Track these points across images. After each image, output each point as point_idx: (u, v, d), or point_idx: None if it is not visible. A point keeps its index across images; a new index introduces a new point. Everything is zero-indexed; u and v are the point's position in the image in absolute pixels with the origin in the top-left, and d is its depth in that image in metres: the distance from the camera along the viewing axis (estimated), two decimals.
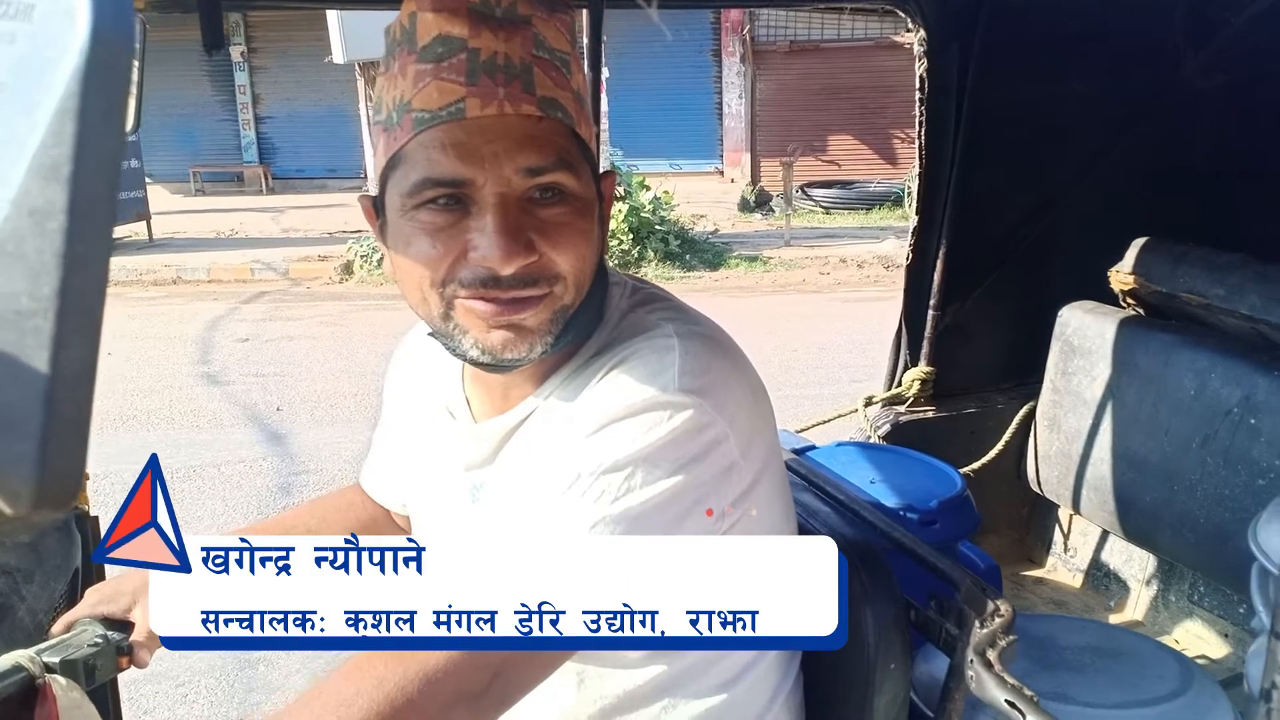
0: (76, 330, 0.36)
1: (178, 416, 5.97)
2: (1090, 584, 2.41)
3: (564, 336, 0.96)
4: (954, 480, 1.86)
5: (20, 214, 0.33)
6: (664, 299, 1.05)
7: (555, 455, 0.93)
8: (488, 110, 0.88)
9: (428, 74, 0.89)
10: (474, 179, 0.89)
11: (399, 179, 0.92)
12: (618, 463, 0.87)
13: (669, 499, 0.87)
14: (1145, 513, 2.11)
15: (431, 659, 0.79)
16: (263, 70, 17.18)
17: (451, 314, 0.94)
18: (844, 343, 7.26)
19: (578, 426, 0.92)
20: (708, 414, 0.90)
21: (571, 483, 0.87)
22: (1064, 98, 2.27)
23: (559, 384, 1.00)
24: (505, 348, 0.94)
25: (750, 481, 0.96)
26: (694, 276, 10.22)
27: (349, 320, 8.59)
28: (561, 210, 0.93)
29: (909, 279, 2.39)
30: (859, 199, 13.93)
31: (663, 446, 0.88)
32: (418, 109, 0.89)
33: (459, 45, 0.88)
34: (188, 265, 10.87)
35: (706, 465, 0.90)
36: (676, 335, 0.95)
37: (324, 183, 16.76)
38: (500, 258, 0.89)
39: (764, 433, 1.00)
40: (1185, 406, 2.02)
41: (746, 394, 0.97)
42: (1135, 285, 2.19)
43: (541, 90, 0.91)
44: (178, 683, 3.24)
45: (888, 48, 14.80)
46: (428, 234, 0.92)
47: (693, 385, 0.90)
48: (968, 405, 2.47)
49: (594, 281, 0.98)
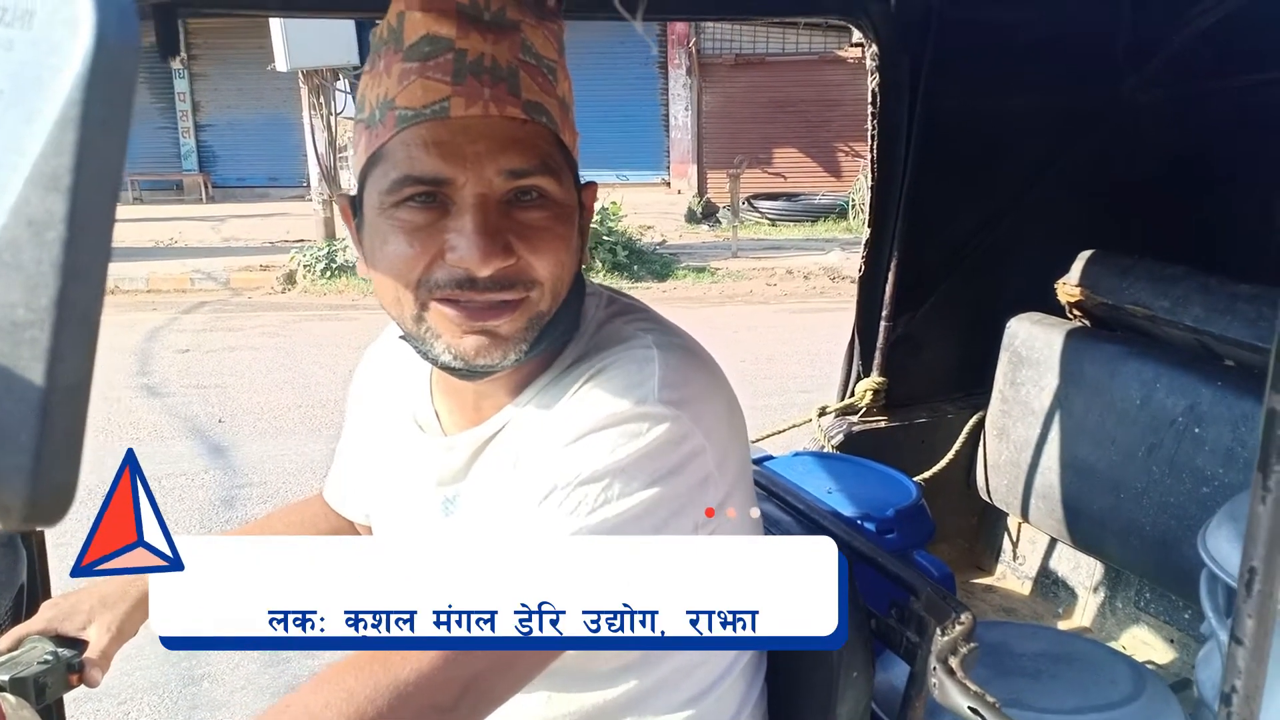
0: (73, 342, 0.35)
1: (116, 428, 5.83)
2: (1039, 591, 2.45)
3: (538, 344, 0.95)
4: (909, 489, 1.88)
5: (19, 223, 0.32)
6: (641, 310, 1.05)
7: (531, 466, 0.92)
8: (472, 110, 0.88)
9: (413, 72, 0.88)
10: (455, 178, 0.89)
11: (379, 176, 0.92)
12: (595, 474, 0.86)
13: (646, 510, 0.86)
14: (1093, 520, 2.15)
15: (402, 671, 0.78)
16: (203, 78, 16.87)
17: (424, 316, 0.93)
18: (791, 353, 7.32)
19: (554, 437, 0.91)
20: (686, 426, 0.90)
21: (547, 493, 0.86)
22: (1012, 111, 2.32)
23: (535, 394, 0.99)
24: (478, 354, 0.93)
25: (724, 494, 0.96)
26: (642, 287, 10.24)
27: (291, 331, 8.46)
28: (542, 215, 0.92)
29: (861, 290, 2.42)
30: (804, 211, 14.07)
31: (641, 458, 0.87)
32: (401, 106, 0.89)
33: (446, 45, 0.88)
34: (125, 275, 10.60)
35: (684, 478, 0.89)
36: (656, 346, 0.95)
37: (265, 191, 16.50)
38: (478, 259, 0.88)
39: (738, 446, 1.00)
40: (1131, 416, 2.07)
41: (723, 407, 0.97)
42: (1082, 297, 2.24)
43: (527, 94, 0.90)
44: (119, 700, 3.15)
45: (832, 62, 14.99)
46: (405, 232, 0.91)
47: (672, 397, 0.90)
48: (919, 415, 2.50)
49: (571, 290, 0.98)
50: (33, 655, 1.11)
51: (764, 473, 1.48)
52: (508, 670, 0.83)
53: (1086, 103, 2.36)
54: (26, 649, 1.13)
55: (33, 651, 1.12)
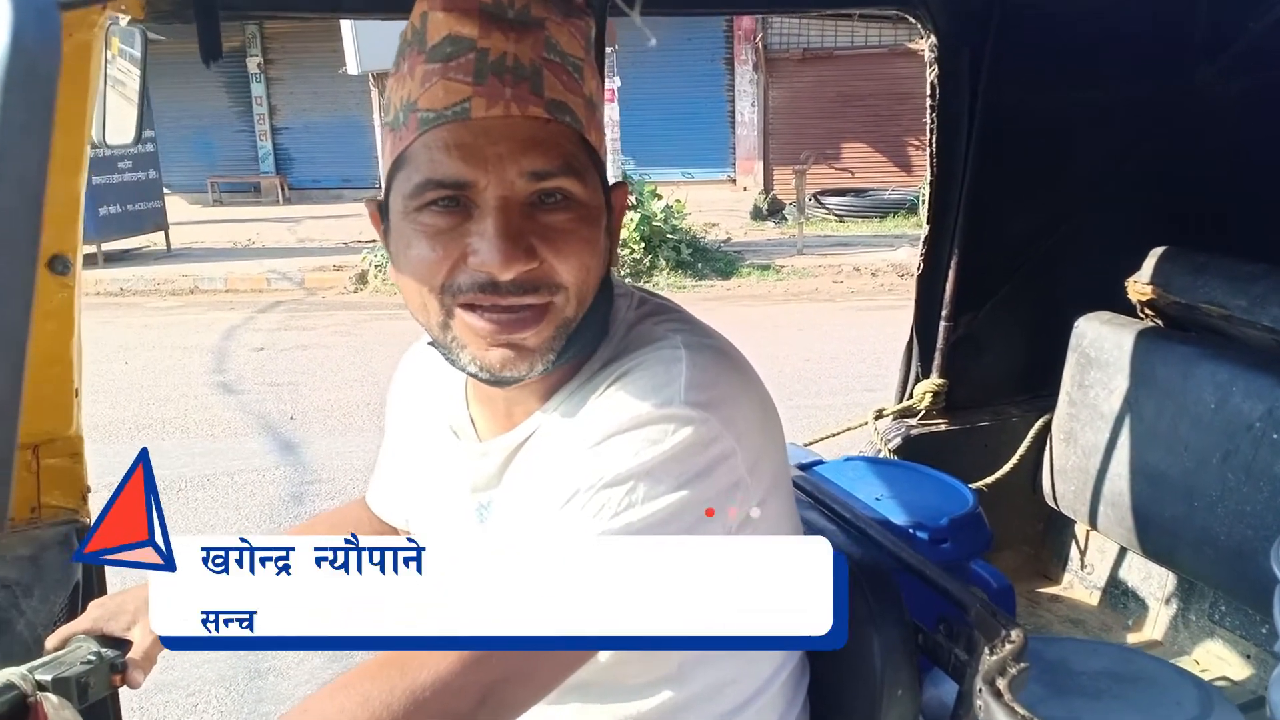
0: None
1: (193, 425, 5.99)
2: (1108, 602, 2.36)
3: (566, 352, 0.94)
4: (965, 497, 1.82)
5: None
6: (672, 310, 1.03)
7: (556, 468, 0.90)
8: (493, 111, 0.87)
9: (435, 73, 0.87)
10: (476, 181, 0.87)
11: (402, 180, 0.91)
12: (619, 476, 0.84)
13: (671, 515, 0.84)
14: (1164, 529, 2.07)
15: (420, 675, 0.77)
16: (279, 81, 17.27)
17: (450, 324, 0.92)
18: (857, 352, 7.21)
19: (579, 440, 0.89)
20: (714, 428, 0.87)
21: (570, 497, 0.85)
22: (1078, 104, 2.24)
23: (564, 399, 0.98)
24: (504, 366, 0.92)
25: (758, 501, 0.93)
26: (705, 285, 10.20)
27: (363, 329, 8.60)
28: (566, 217, 0.90)
29: (920, 289, 2.36)
30: (873, 207, 13.87)
31: (666, 460, 0.85)
32: (423, 109, 0.88)
33: (468, 45, 0.87)
34: (205, 275, 10.92)
35: (712, 481, 0.87)
36: (684, 347, 0.92)
37: (339, 193, 16.83)
38: (500, 262, 0.87)
39: (773, 452, 0.97)
40: (1205, 421, 1.98)
41: (756, 410, 0.94)
42: (1154, 296, 2.15)
43: (550, 93, 0.88)
44: (188, 692, 3.23)
45: (902, 54, 14.73)
46: (428, 237, 0.90)
47: (700, 399, 0.88)
48: (981, 418, 2.43)
49: (599, 295, 0.95)
50: (77, 655, 1.13)
51: (810, 479, 1.45)
52: (528, 678, 0.82)
53: (1158, 95, 2.27)
54: (72, 649, 1.15)
55: (77, 651, 1.14)
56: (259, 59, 16.97)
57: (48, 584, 1.54)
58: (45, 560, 1.54)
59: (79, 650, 1.13)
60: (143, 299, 10.44)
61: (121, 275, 10.95)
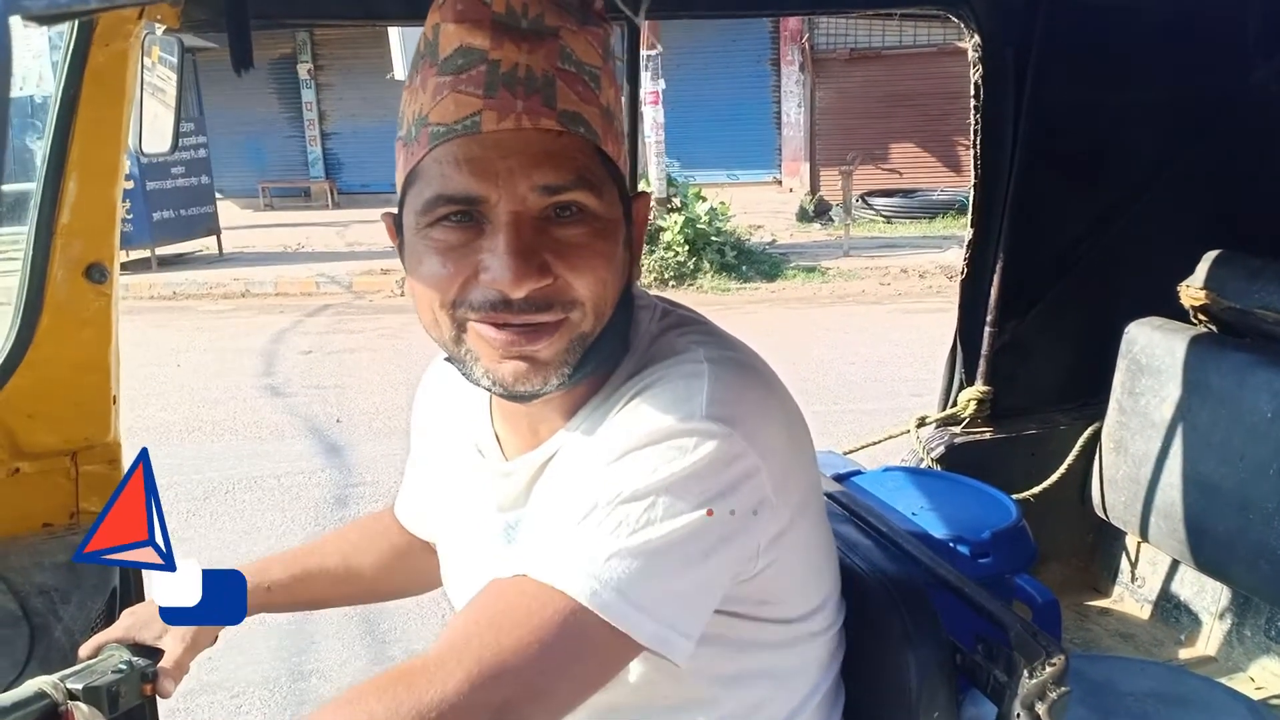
0: None
1: (241, 427, 6.08)
2: (1159, 616, 2.30)
3: (583, 367, 0.91)
4: (1008, 509, 1.77)
5: None
6: (696, 322, 1.00)
7: (574, 483, 0.88)
8: (504, 124, 0.85)
9: (446, 86, 0.86)
10: (487, 196, 0.85)
11: (414, 196, 0.89)
12: (638, 492, 0.82)
13: (692, 534, 0.82)
14: (1218, 542, 2.00)
15: (427, 693, 0.75)
16: (328, 87, 17.51)
17: (463, 338, 0.91)
18: (904, 355, 7.12)
19: (598, 454, 0.87)
20: (738, 444, 0.84)
21: (588, 511, 0.83)
22: (1127, 105, 2.19)
23: (587, 415, 0.95)
24: (517, 380, 0.90)
25: (786, 522, 0.90)
26: (750, 288, 10.14)
27: (408, 333, 8.67)
28: (580, 231, 0.88)
29: (964, 294, 2.32)
30: (921, 208, 13.71)
31: (687, 477, 0.82)
32: (434, 122, 0.86)
33: (479, 57, 0.85)
34: (256, 279, 11.09)
35: (734, 500, 0.84)
36: (707, 360, 0.89)
37: (388, 197, 16.54)
38: (511, 280, 0.85)
39: (801, 469, 0.94)
40: (1262, 430, 1.91)
41: (782, 426, 0.91)
42: (1207, 301, 2.08)
43: (564, 104, 0.86)
44: (232, 693, 3.26)
45: (951, 54, 14.51)
46: (439, 253, 0.88)
47: (722, 413, 0.85)
48: (1027, 426, 2.38)
49: (619, 308, 0.93)
50: (108, 664, 1.13)
51: (847, 491, 1.41)
52: (545, 697, 0.79)
53: (1212, 94, 2.20)
54: (104, 657, 1.15)
55: (109, 660, 1.14)
56: (309, 65, 17.21)
57: (85, 590, 1.55)
58: (83, 566, 1.55)
59: (110, 659, 1.14)
60: (195, 302, 10.64)
61: (175, 279, 11.16)
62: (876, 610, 1.09)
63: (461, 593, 1.12)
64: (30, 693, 1.03)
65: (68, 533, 1.57)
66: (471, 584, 1.09)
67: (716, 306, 9.04)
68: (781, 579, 0.93)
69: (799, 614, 0.98)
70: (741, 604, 0.92)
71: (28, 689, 1.03)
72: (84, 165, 1.46)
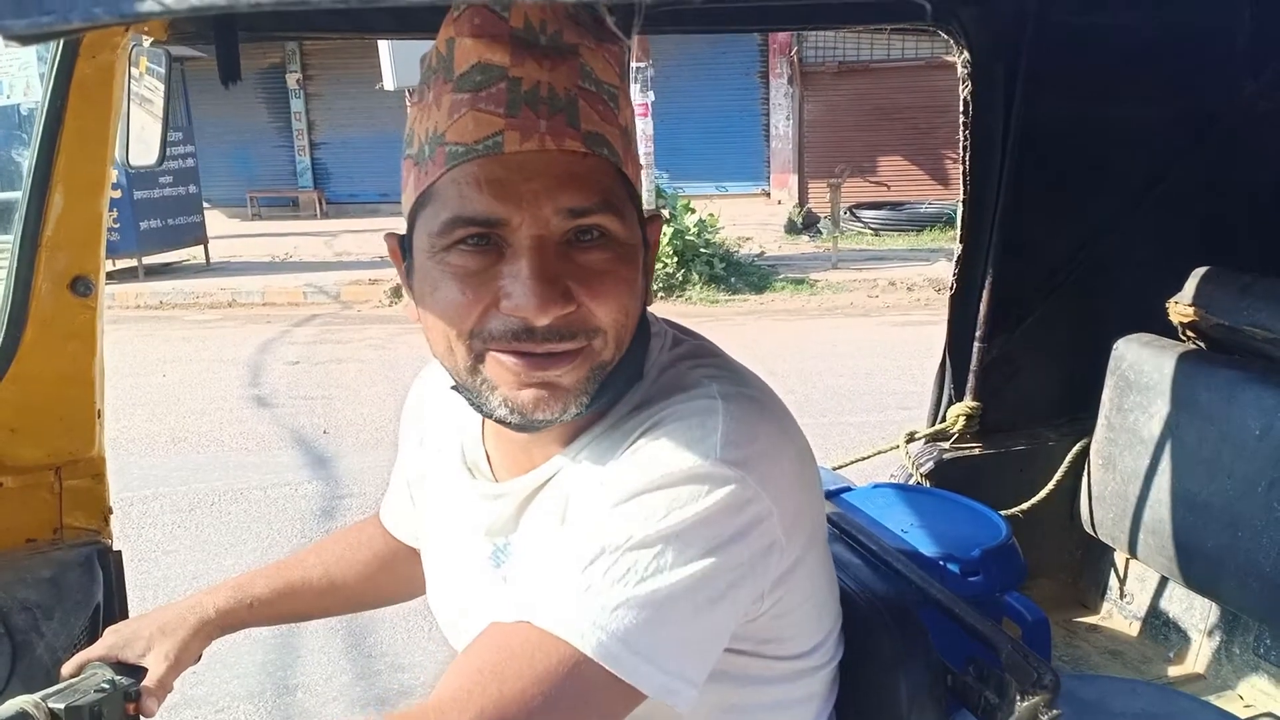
0: None
1: (227, 438, 6.04)
2: (1148, 633, 2.29)
3: (601, 395, 0.89)
4: (998, 527, 1.76)
5: None
6: (709, 353, 0.97)
7: (581, 524, 0.85)
8: (527, 144, 0.81)
9: (464, 104, 0.82)
10: (509, 219, 0.82)
11: (428, 217, 0.86)
12: (647, 539, 0.79)
13: (700, 581, 0.79)
14: (1207, 559, 2.00)
15: None
16: (317, 97, 17.50)
17: (480, 368, 0.87)
18: (892, 368, 7.13)
19: (606, 494, 0.84)
20: (751, 489, 0.82)
21: (595, 557, 0.80)
22: (1116, 120, 2.19)
23: (588, 443, 0.93)
24: (537, 407, 0.86)
25: (793, 560, 0.88)
26: (738, 299, 10.15)
27: (396, 344, 8.65)
28: (603, 256, 0.85)
29: (953, 309, 2.31)
30: (909, 220, 13.76)
31: (697, 523, 0.80)
32: (451, 142, 0.83)
33: (499, 74, 0.81)
34: (243, 289, 11.04)
35: (745, 545, 0.82)
36: (721, 397, 0.87)
37: (376, 207, 16.98)
38: (535, 307, 0.82)
39: (810, 506, 0.92)
40: (1250, 447, 1.91)
41: (794, 465, 0.89)
42: (1196, 317, 2.09)
43: (587, 125, 0.84)
44: (217, 708, 3.23)
45: (939, 67, 14.61)
46: (457, 278, 0.85)
47: (736, 456, 0.82)
48: (1016, 442, 2.37)
49: (636, 336, 0.91)
50: (90, 683, 1.12)
51: (837, 509, 1.41)
52: None
53: (1200, 111, 2.21)
54: (86, 676, 1.14)
55: (91, 679, 1.13)
56: (298, 75, 17.20)
57: (68, 606, 1.53)
58: (66, 582, 1.54)
59: (93, 678, 1.13)
60: (181, 312, 10.58)
61: (161, 288, 11.11)
62: (867, 631, 1.08)
63: (446, 610, 1.11)
64: (12, 712, 1.01)
65: (51, 548, 1.55)
66: (457, 603, 1.08)
67: (705, 318, 9.05)
68: (786, 616, 0.92)
69: (802, 650, 0.97)
70: (745, 641, 0.91)
71: (9, 708, 1.02)
72: (70, 178, 1.44)
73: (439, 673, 3.51)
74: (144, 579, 3.98)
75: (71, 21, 0.42)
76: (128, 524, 4.44)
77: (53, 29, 0.43)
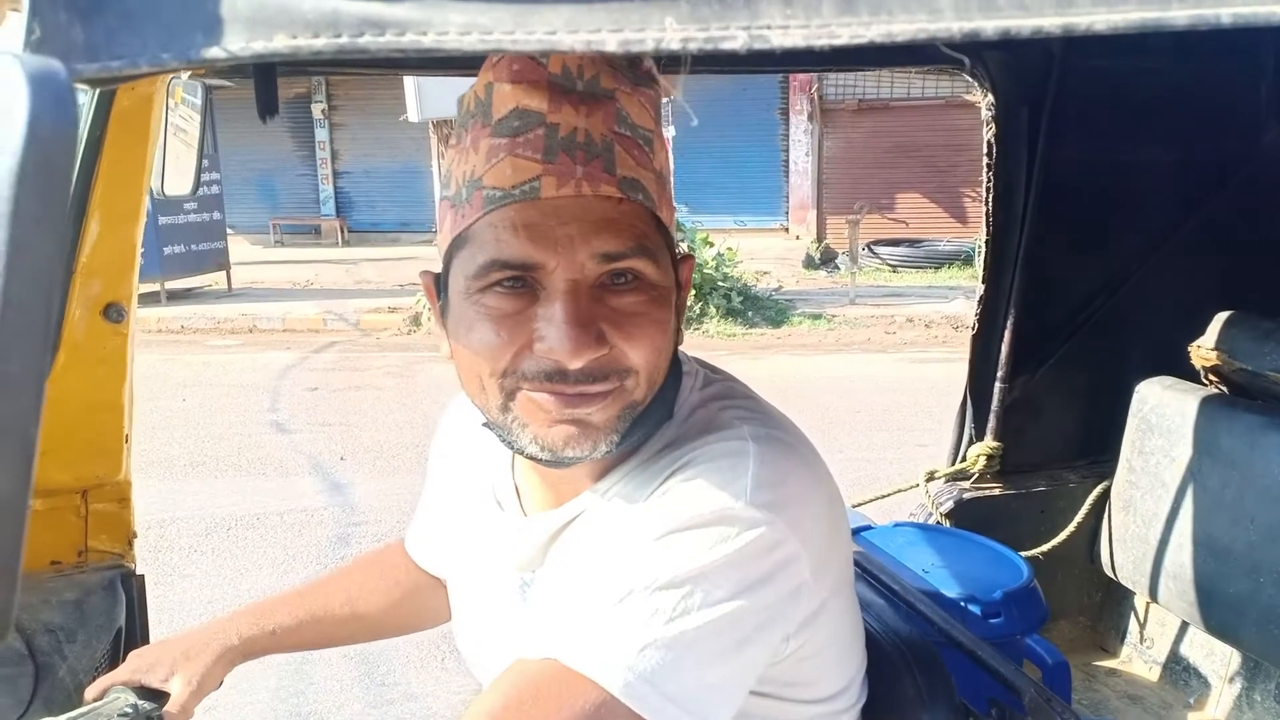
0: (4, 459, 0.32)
1: (245, 463, 6.06)
2: (1168, 678, 2.27)
3: (632, 434, 0.89)
4: (1020, 570, 1.75)
5: None
6: (740, 394, 0.98)
7: (609, 562, 0.85)
8: (564, 190, 0.82)
9: (502, 149, 0.83)
10: (545, 263, 0.83)
11: (465, 259, 0.87)
12: (675, 579, 0.80)
13: (728, 623, 0.79)
14: (1228, 605, 1.98)
15: None
16: (342, 127, 17.71)
17: (512, 406, 0.88)
18: (909, 404, 7.10)
19: (635, 533, 0.85)
20: (780, 532, 0.82)
21: (623, 596, 0.80)
22: (1140, 164, 2.20)
23: (618, 480, 0.93)
24: (568, 444, 0.87)
25: (820, 603, 0.88)
26: (756, 333, 10.15)
27: (414, 371, 8.68)
28: (637, 299, 0.86)
29: (975, 349, 2.31)
30: (927, 258, 13.76)
31: (726, 565, 0.80)
32: (489, 186, 0.84)
33: (537, 120, 0.82)
34: (264, 315, 11.12)
35: (773, 588, 0.82)
36: (752, 439, 0.87)
37: (397, 236, 17.13)
38: (569, 350, 0.82)
39: (838, 550, 0.92)
40: (1274, 493, 1.90)
41: (824, 508, 0.89)
42: (1218, 361, 2.08)
43: (622, 170, 0.84)
44: None
45: (959, 106, 14.70)
46: (492, 320, 0.86)
47: (767, 499, 0.83)
48: (1037, 483, 2.36)
49: (668, 374, 0.91)
50: (113, 707, 1.13)
51: (858, 547, 1.40)
52: None
53: (1223, 155, 2.22)
54: (109, 700, 1.15)
55: (115, 703, 1.14)
56: (324, 105, 17.42)
57: (91, 629, 1.54)
58: (89, 605, 1.55)
59: (116, 702, 1.13)
60: (203, 337, 10.66)
61: (183, 313, 11.21)
62: (889, 671, 1.08)
63: (472, 644, 1.11)
64: None
65: (75, 571, 1.56)
66: (483, 637, 1.08)
67: (722, 351, 9.05)
68: (812, 659, 0.92)
69: (827, 693, 0.96)
70: (771, 684, 0.90)
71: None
72: (106, 206, 1.47)
73: (454, 704, 3.50)
74: (160, 602, 3.97)
75: (140, 67, 0.44)
76: (145, 548, 4.43)
77: (122, 73, 0.44)
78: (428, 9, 0.41)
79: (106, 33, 0.43)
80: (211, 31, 0.42)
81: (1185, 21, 0.36)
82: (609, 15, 0.39)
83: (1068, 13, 0.37)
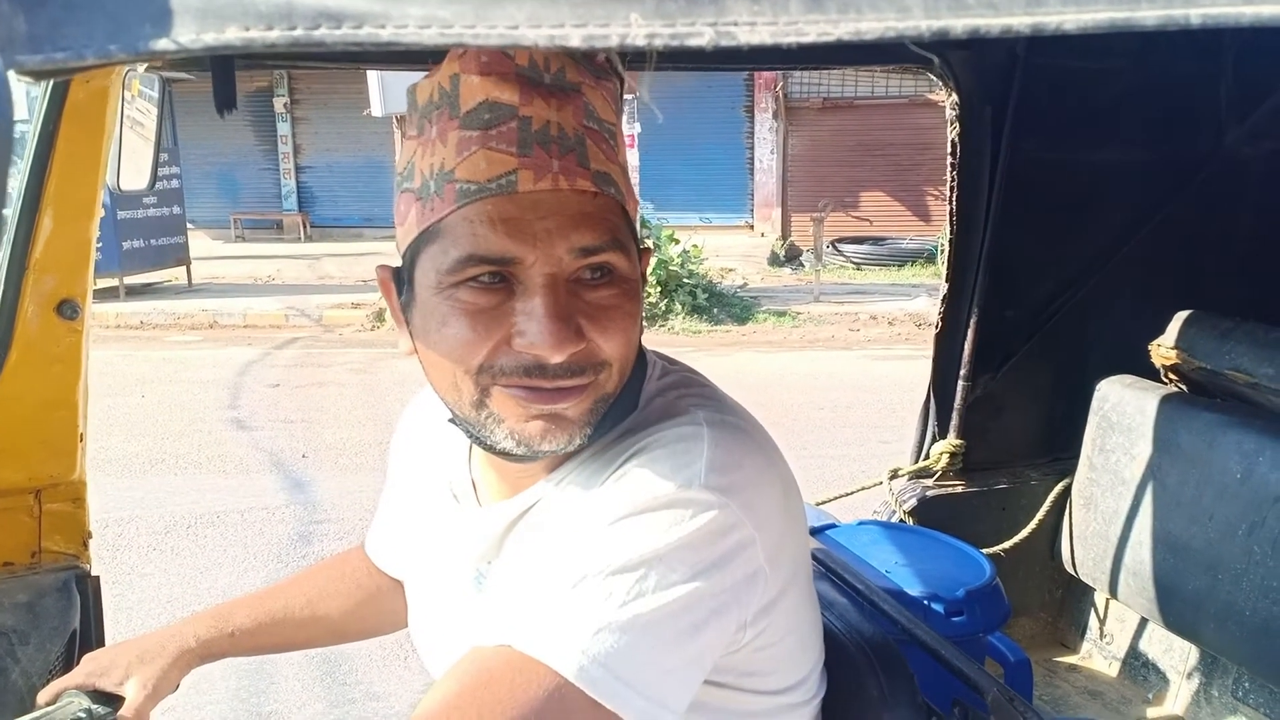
0: None
1: (205, 461, 5.98)
2: (1127, 673, 2.30)
3: (602, 426, 0.89)
4: (983, 568, 1.76)
5: None
6: (696, 382, 0.98)
7: (563, 548, 0.85)
8: (541, 184, 0.82)
9: (474, 141, 0.82)
10: (523, 258, 0.82)
11: (436, 253, 0.85)
12: (630, 562, 0.79)
13: (683, 606, 0.79)
14: (1186, 601, 2.01)
15: None
16: (304, 121, 17.52)
17: (487, 402, 0.87)
18: (873, 401, 7.16)
19: (590, 519, 0.85)
20: (734, 515, 0.82)
21: (577, 581, 0.80)
22: (1102, 164, 2.22)
23: (574, 468, 0.93)
24: (544, 438, 0.87)
25: (777, 591, 0.88)
26: (721, 330, 10.18)
27: (377, 368, 8.62)
28: (611, 293, 0.86)
29: (938, 348, 2.33)
30: (891, 255, 13.88)
31: (681, 548, 0.80)
32: (462, 179, 0.82)
33: (509, 112, 0.81)
34: (225, 310, 10.99)
35: (729, 572, 0.82)
36: (707, 424, 0.87)
37: (360, 231, 16.98)
38: (551, 345, 0.82)
39: (794, 537, 0.92)
40: (1231, 490, 1.92)
41: (779, 494, 0.89)
42: (1178, 360, 2.11)
43: (595, 164, 0.84)
44: None
45: (922, 105, 14.85)
46: (468, 315, 0.84)
47: (720, 482, 0.83)
48: (999, 481, 2.38)
49: (635, 366, 0.92)
50: (67, 712, 1.11)
51: (822, 546, 1.41)
52: None
53: (1184, 155, 2.25)
54: (62, 704, 1.13)
55: (68, 708, 1.11)
56: (285, 99, 17.23)
57: (44, 632, 1.51)
58: (43, 607, 1.52)
59: (69, 706, 1.11)
60: (162, 333, 10.51)
61: (142, 309, 11.04)
62: (852, 670, 1.07)
63: (427, 638, 1.10)
64: None
65: (29, 572, 1.53)
66: (438, 630, 1.07)
67: (688, 349, 9.06)
68: (769, 649, 0.91)
69: (784, 685, 0.96)
70: (726, 674, 0.90)
71: None
72: (60, 201, 1.44)
73: (417, 702, 3.47)
74: (118, 602, 3.92)
75: (86, 59, 0.42)
76: (102, 547, 4.36)
77: (66, 65, 0.43)
78: (386, 1, 0.40)
79: (50, 23, 0.41)
80: (160, 23, 0.41)
81: (1154, 22, 0.36)
82: (572, 10, 0.38)
83: (1037, 12, 0.37)
